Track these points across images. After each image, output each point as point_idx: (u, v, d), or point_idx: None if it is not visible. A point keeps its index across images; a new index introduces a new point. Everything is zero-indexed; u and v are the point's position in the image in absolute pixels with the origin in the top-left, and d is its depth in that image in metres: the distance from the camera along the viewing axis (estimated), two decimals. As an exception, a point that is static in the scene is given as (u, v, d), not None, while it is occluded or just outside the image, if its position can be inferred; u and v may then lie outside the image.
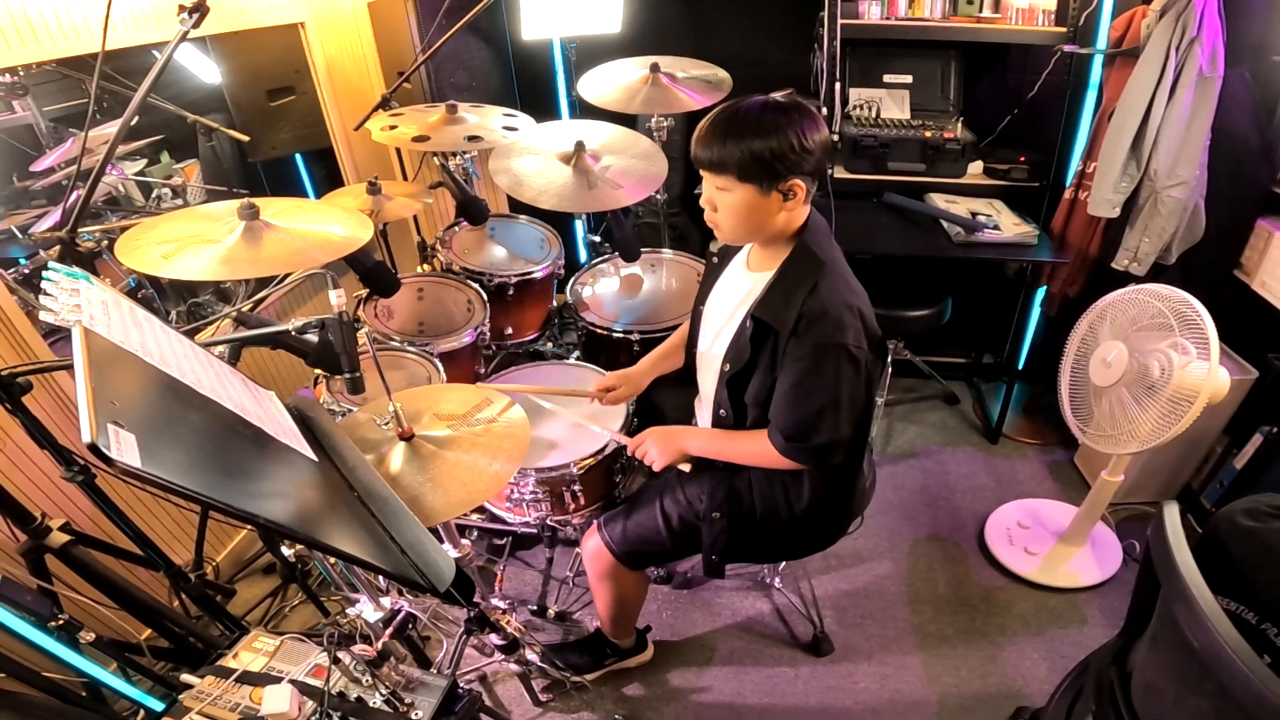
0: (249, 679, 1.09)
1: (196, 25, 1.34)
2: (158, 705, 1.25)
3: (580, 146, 2.00)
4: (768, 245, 1.34)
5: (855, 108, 2.56)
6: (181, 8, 1.32)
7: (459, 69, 2.56)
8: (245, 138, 2.31)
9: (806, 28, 2.43)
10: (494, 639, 1.58)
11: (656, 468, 1.45)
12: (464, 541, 1.45)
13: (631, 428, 1.72)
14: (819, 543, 1.59)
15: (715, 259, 1.54)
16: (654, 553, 1.61)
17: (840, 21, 1.88)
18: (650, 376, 1.69)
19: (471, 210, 2.09)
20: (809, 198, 1.25)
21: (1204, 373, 1.62)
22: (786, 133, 1.15)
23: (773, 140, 1.15)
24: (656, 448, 1.45)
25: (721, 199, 1.24)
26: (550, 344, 2.51)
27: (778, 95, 1.21)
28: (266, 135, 2.39)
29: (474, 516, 1.96)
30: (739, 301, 1.37)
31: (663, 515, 1.54)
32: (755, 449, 1.36)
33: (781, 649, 1.99)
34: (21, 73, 1.76)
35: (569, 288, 2.27)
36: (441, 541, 1.36)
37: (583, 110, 2.47)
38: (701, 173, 1.26)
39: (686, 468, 1.47)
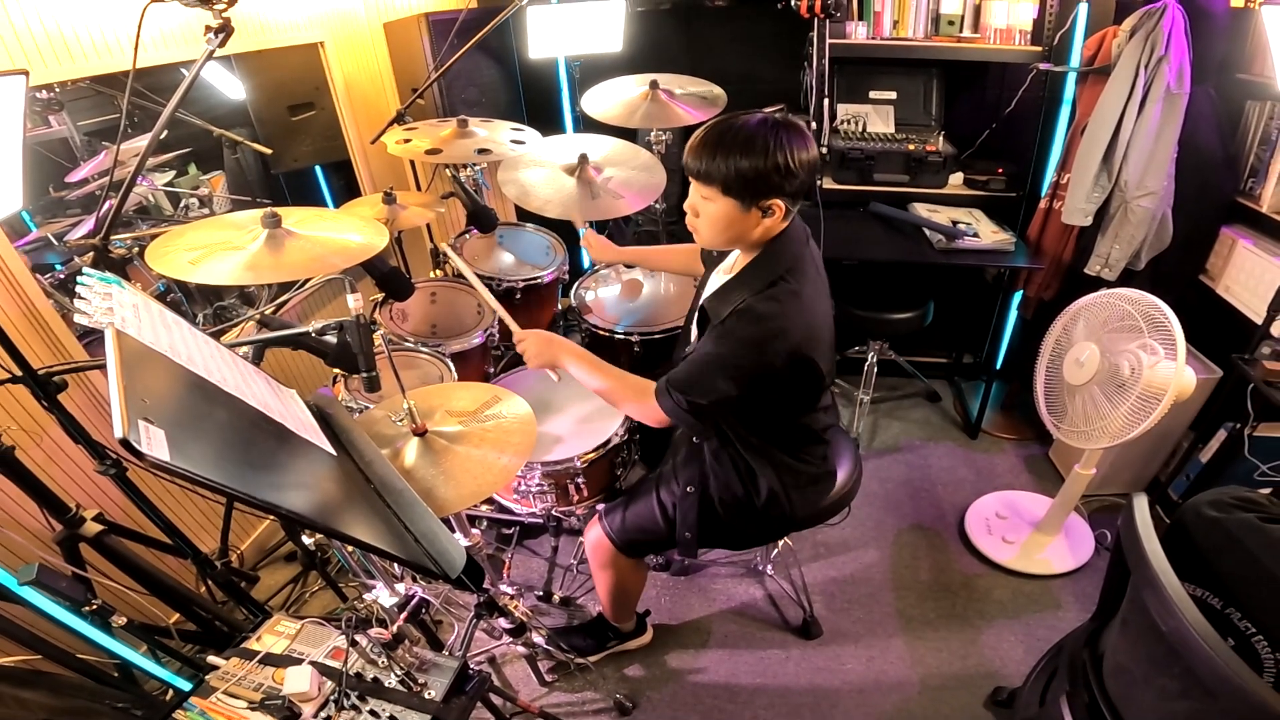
0: (271, 660, 1.10)
1: (222, 44, 1.34)
2: (186, 685, 1.26)
3: (584, 159, 1.99)
4: (747, 253, 1.33)
5: (843, 122, 2.56)
6: (208, 28, 1.32)
7: (469, 86, 2.56)
8: (268, 150, 2.31)
9: (796, 47, 2.43)
10: (502, 623, 1.58)
11: (530, 366, 1.43)
12: (474, 531, 1.45)
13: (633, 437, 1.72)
14: (782, 529, 1.60)
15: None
16: (651, 541, 1.61)
17: (829, 41, 1.88)
18: (627, 257, 1.86)
19: (481, 219, 2.09)
20: (788, 216, 1.23)
21: (1171, 372, 1.62)
22: (774, 154, 1.13)
23: (759, 160, 1.13)
24: (534, 349, 1.42)
25: (704, 207, 1.23)
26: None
27: (770, 111, 1.20)
28: (288, 148, 2.39)
29: (484, 507, 1.96)
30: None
31: (659, 505, 1.55)
32: (629, 386, 1.36)
33: (773, 632, 1.99)
34: (57, 89, 1.76)
35: (573, 292, 2.26)
36: (453, 531, 1.36)
37: (586, 125, 2.46)
38: (690, 179, 1.25)
39: (555, 378, 1.46)
